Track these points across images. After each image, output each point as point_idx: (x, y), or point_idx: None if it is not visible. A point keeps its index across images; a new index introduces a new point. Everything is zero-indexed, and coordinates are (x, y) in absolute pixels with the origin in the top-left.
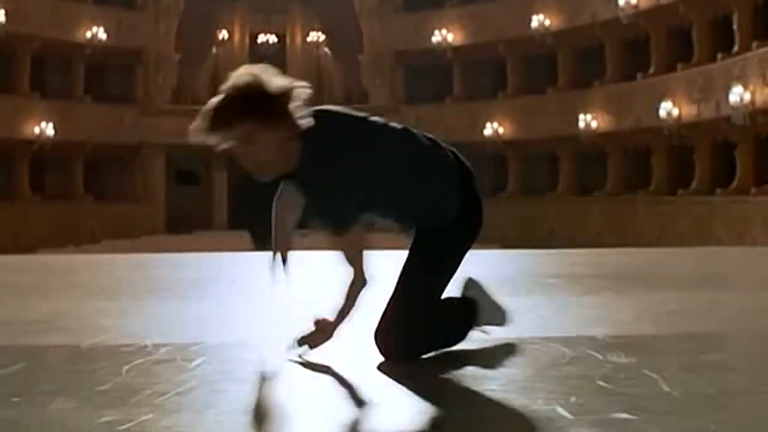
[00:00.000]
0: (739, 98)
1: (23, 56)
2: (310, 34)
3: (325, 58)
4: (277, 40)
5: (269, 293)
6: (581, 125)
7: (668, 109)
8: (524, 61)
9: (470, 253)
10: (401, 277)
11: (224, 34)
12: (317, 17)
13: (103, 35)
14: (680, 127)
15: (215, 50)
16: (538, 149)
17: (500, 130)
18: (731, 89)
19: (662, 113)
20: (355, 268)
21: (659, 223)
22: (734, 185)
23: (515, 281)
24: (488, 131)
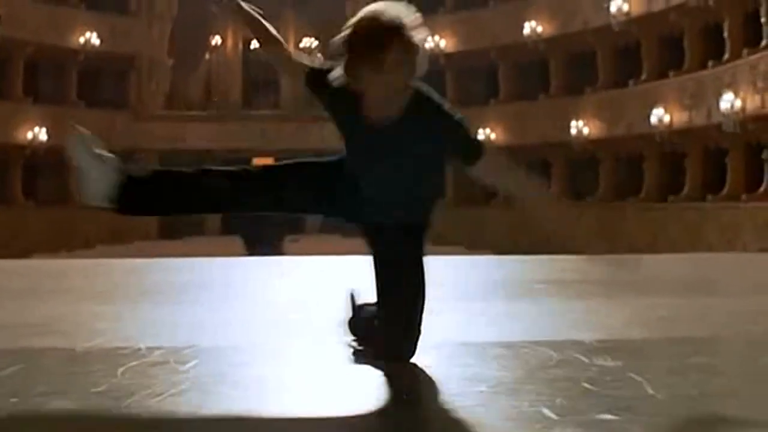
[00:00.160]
0: (730, 105)
1: (16, 61)
2: (303, 39)
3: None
4: None
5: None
6: (573, 131)
7: (660, 115)
8: (516, 67)
9: (462, 259)
10: (398, 278)
11: (217, 39)
12: (310, 23)
13: (96, 41)
14: (672, 133)
15: (208, 56)
16: (530, 155)
17: (492, 136)
18: (722, 96)
19: (654, 120)
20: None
21: (651, 229)
22: (725, 192)
23: (505, 286)
24: (481, 137)
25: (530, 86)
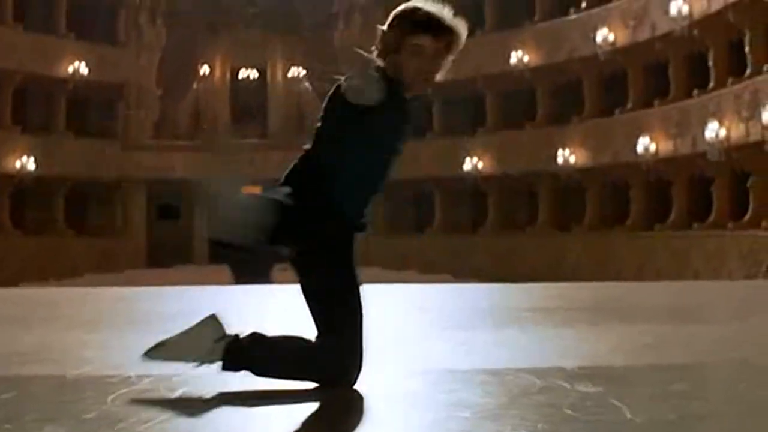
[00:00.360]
0: (715, 134)
1: (5, 90)
2: (291, 68)
3: (306, 92)
4: (258, 74)
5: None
6: (560, 160)
7: (646, 144)
8: (503, 96)
9: (449, 287)
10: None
11: (205, 69)
12: (298, 52)
13: (85, 70)
14: (657, 162)
15: (196, 85)
16: (517, 184)
17: (479, 165)
18: (707, 125)
19: (640, 149)
20: None
21: (638, 257)
22: (711, 220)
23: (492, 314)
24: (467, 166)
25: (517, 115)
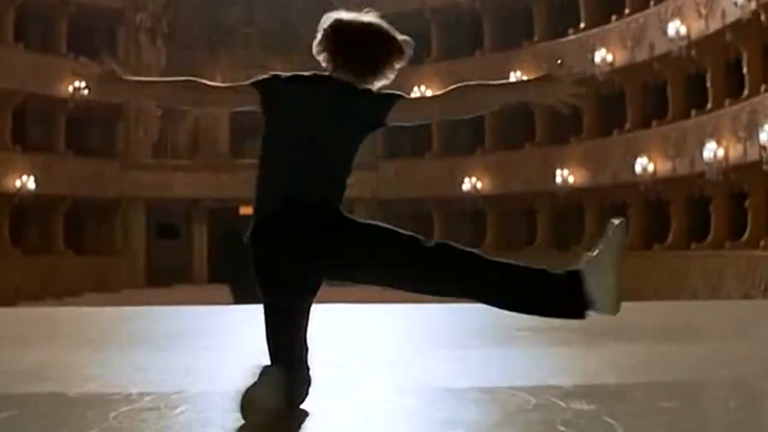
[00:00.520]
0: (712, 154)
1: (5, 110)
2: None
3: None
4: None
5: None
6: (558, 180)
7: (644, 164)
8: (502, 116)
9: (446, 306)
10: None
11: None
12: (296, 72)
13: (85, 89)
14: (656, 182)
15: None
16: (515, 204)
17: (478, 184)
18: (705, 145)
19: (638, 169)
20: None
21: (636, 276)
22: (709, 239)
23: (485, 333)
24: (467, 186)
25: (516, 135)
